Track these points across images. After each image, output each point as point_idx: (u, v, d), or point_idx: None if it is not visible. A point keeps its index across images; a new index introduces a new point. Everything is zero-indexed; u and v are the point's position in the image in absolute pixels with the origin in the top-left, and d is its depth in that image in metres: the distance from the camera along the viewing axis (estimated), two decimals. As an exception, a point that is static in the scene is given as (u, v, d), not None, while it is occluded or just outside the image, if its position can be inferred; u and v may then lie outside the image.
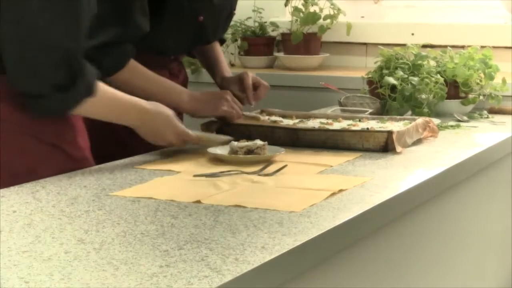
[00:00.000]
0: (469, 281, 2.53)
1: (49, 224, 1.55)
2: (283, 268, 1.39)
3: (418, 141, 2.43)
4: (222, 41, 2.83)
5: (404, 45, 3.06)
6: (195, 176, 1.96)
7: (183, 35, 2.52)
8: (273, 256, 1.37)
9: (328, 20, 3.77)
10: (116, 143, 2.40)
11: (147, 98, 2.17)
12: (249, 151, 2.11)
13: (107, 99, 2.04)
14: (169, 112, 2.16)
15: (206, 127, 2.45)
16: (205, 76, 3.73)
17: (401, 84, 2.80)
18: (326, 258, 1.57)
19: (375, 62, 2.98)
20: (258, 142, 2.14)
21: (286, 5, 3.84)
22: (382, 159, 2.21)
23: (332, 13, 3.77)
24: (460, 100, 2.97)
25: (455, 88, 2.96)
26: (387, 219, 1.83)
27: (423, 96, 2.83)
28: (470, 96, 2.98)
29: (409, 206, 1.95)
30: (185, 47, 2.64)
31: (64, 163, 2.02)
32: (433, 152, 2.32)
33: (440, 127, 2.68)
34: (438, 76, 2.87)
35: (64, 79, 1.93)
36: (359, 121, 2.51)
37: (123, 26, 2.26)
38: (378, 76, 2.88)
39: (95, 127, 2.19)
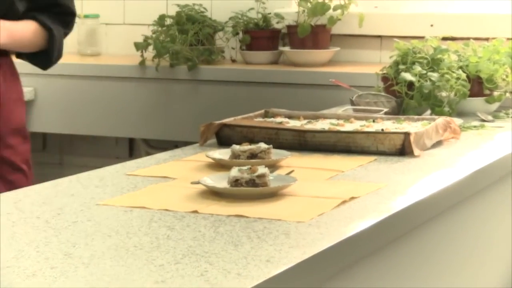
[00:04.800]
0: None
1: (33, 237, 1.55)
2: (290, 283, 1.40)
3: (438, 144, 2.44)
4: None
5: (422, 37, 3.06)
6: (192, 183, 1.96)
7: None
8: (279, 271, 1.37)
9: (339, 11, 3.77)
10: None
11: None
12: (252, 155, 2.11)
13: None
14: None
15: (206, 128, 2.45)
16: (204, 73, 3.77)
17: (419, 81, 2.81)
18: (337, 272, 1.58)
19: (391, 57, 2.99)
20: (262, 145, 2.14)
21: (292, -6, 3.85)
22: (398, 163, 2.21)
23: (342, 3, 3.78)
24: (484, 98, 2.97)
25: (478, 85, 2.96)
26: (404, 229, 1.84)
27: (444, 93, 2.83)
28: (495, 93, 2.99)
29: (428, 215, 1.95)
30: None
31: None
32: (455, 156, 2.33)
33: (463, 128, 2.69)
34: (460, 71, 2.88)
35: None
36: (373, 121, 2.52)
37: None
38: (393, 72, 2.89)
39: None
